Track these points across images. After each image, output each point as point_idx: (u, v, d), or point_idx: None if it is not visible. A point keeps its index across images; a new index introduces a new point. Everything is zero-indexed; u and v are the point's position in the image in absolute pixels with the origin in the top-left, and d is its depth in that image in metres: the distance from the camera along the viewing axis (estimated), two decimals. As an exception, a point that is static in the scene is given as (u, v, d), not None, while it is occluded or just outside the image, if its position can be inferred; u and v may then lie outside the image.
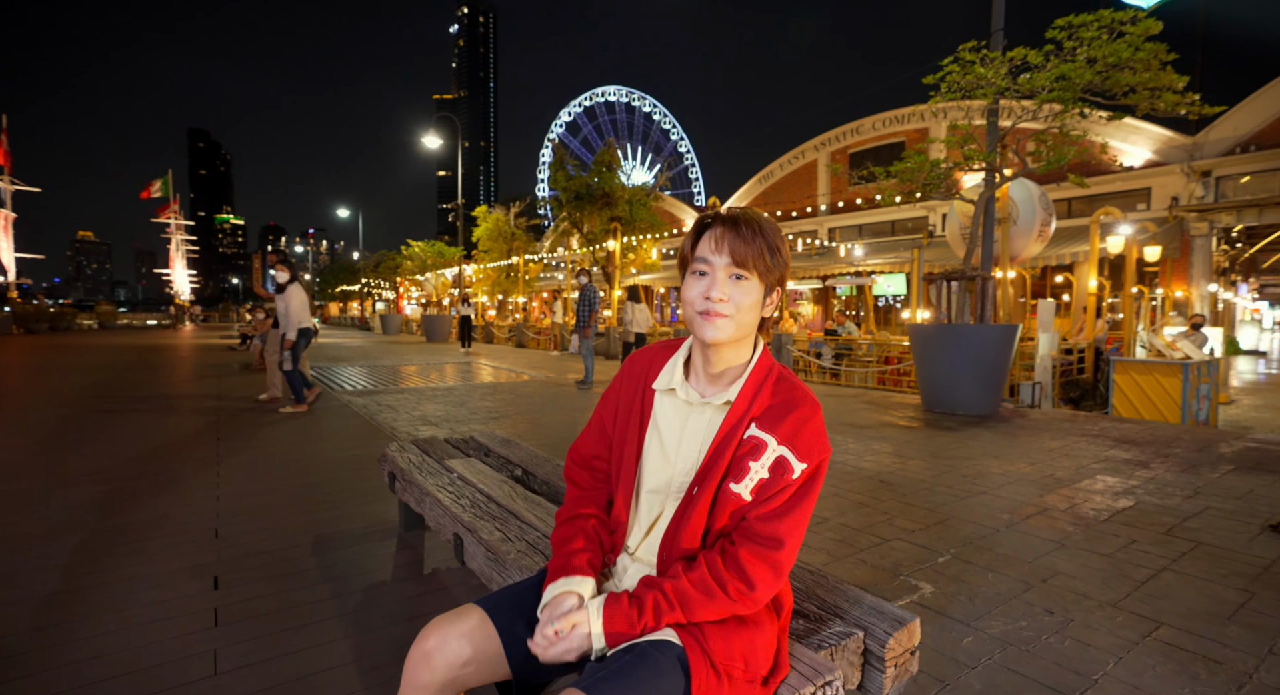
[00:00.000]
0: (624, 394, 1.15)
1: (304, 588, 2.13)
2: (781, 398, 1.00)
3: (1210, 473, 3.80)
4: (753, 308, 1.00)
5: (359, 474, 3.65)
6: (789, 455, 0.96)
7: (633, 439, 1.10)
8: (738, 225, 0.99)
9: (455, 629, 0.96)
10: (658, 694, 0.84)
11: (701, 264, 1.00)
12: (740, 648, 0.93)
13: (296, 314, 5.64)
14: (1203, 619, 1.94)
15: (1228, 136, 13.41)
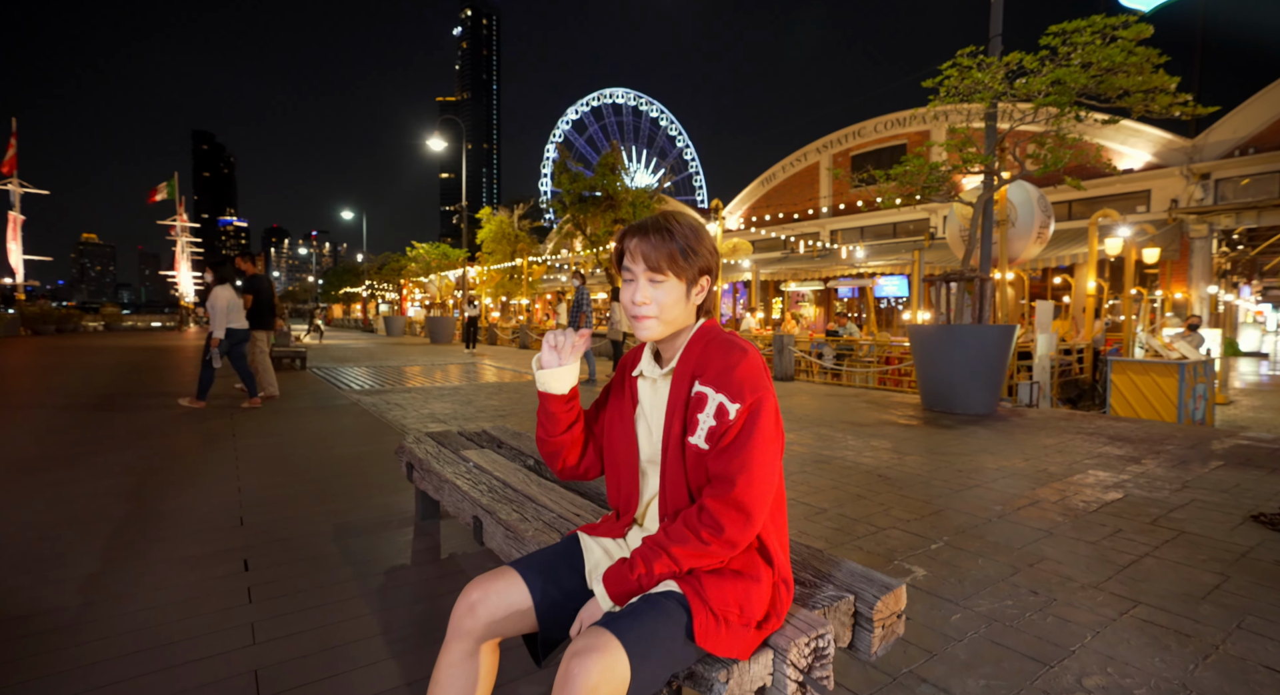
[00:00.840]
0: (615, 386, 1.30)
1: (329, 570, 2.25)
2: (715, 352, 1.11)
3: (1200, 468, 3.90)
4: (675, 304, 1.12)
5: (373, 468, 3.78)
6: (725, 400, 1.06)
7: (628, 422, 1.23)
8: (648, 233, 1.12)
9: (495, 586, 1.09)
10: (664, 629, 0.97)
11: (627, 273, 1.15)
12: (735, 596, 1.05)
13: (221, 314, 5.92)
14: (1178, 599, 2.05)
15: (1227, 139, 13.49)
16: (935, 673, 1.62)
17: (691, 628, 1.00)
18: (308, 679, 1.57)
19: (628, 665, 0.90)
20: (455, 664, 1.07)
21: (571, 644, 0.93)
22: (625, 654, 0.90)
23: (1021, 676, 1.61)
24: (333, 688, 1.53)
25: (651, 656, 0.94)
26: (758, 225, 24.00)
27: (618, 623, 0.95)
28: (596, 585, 1.09)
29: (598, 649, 0.89)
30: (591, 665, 0.87)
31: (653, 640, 0.95)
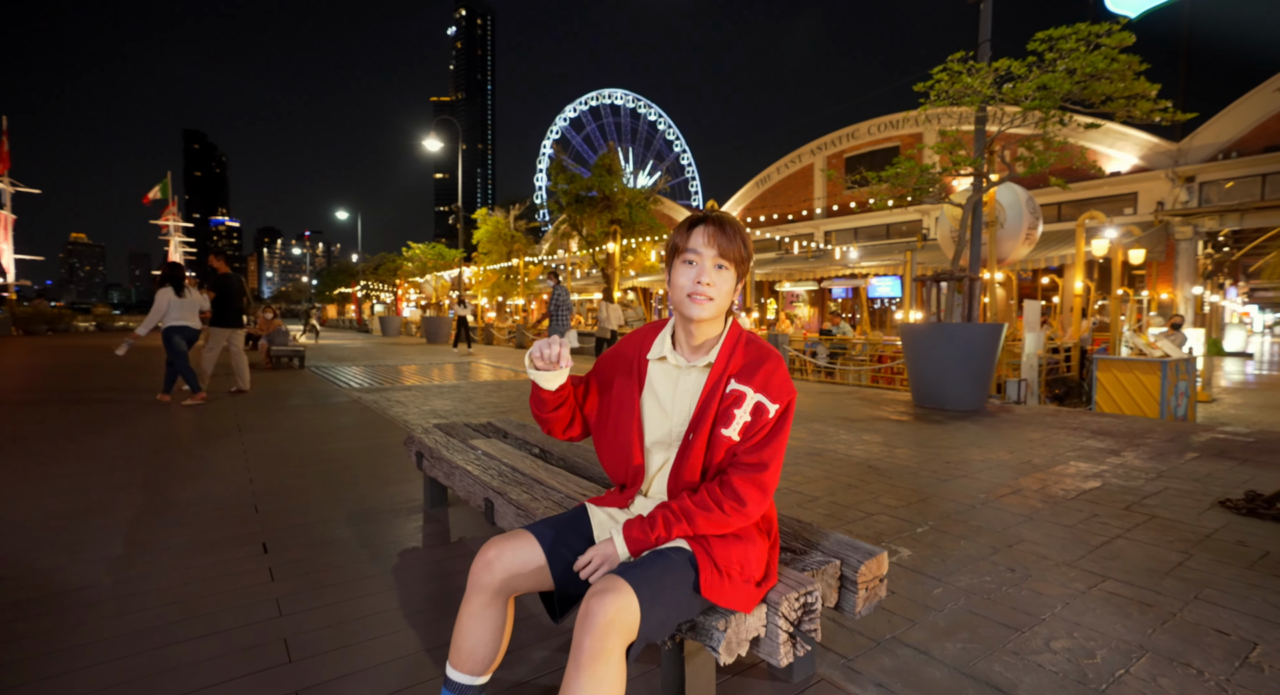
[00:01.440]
0: (620, 363, 1.40)
1: (345, 552, 2.37)
2: (752, 356, 1.27)
3: (1175, 459, 4.06)
4: (729, 293, 1.27)
5: (380, 461, 3.89)
6: (764, 400, 1.23)
7: (633, 402, 1.34)
8: (723, 226, 1.26)
9: (510, 545, 1.21)
10: (672, 580, 1.10)
11: (692, 254, 1.26)
12: (737, 556, 1.19)
13: (155, 313, 6.23)
14: (1144, 574, 2.20)
15: (1211, 143, 13.74)
16: (916, 637, 1.75)
17: (698, 581, 1.13)
18: (334, 646, 1.69)
19: (638, 607, 1.03)
20: (475, 614, 1.19)
21: (592, 589, 1.06)
22: (636, 598, 1.03)
23: (995, 641, 1.74)
24: (358, 653, 1.65)
25: (659, 603, 1.07)
26: (753, 226, 24.18)
27: (631, 572, 1.08)
28: (616, 535, 1.21)
29: (614, 591, 1.02)
30: (608, 604, 1.00)
31: (661, 589, 1.08)
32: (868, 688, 1.52)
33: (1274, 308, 52.86)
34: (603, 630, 0.99)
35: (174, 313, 6.28)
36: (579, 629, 1.02)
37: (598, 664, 0.98)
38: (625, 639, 1.02)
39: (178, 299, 6.30)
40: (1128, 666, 1.62)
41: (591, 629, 0.99)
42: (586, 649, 0.98)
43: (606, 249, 16.00)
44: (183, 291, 6.33)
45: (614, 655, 1.00)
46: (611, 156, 15.31)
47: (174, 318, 6.28)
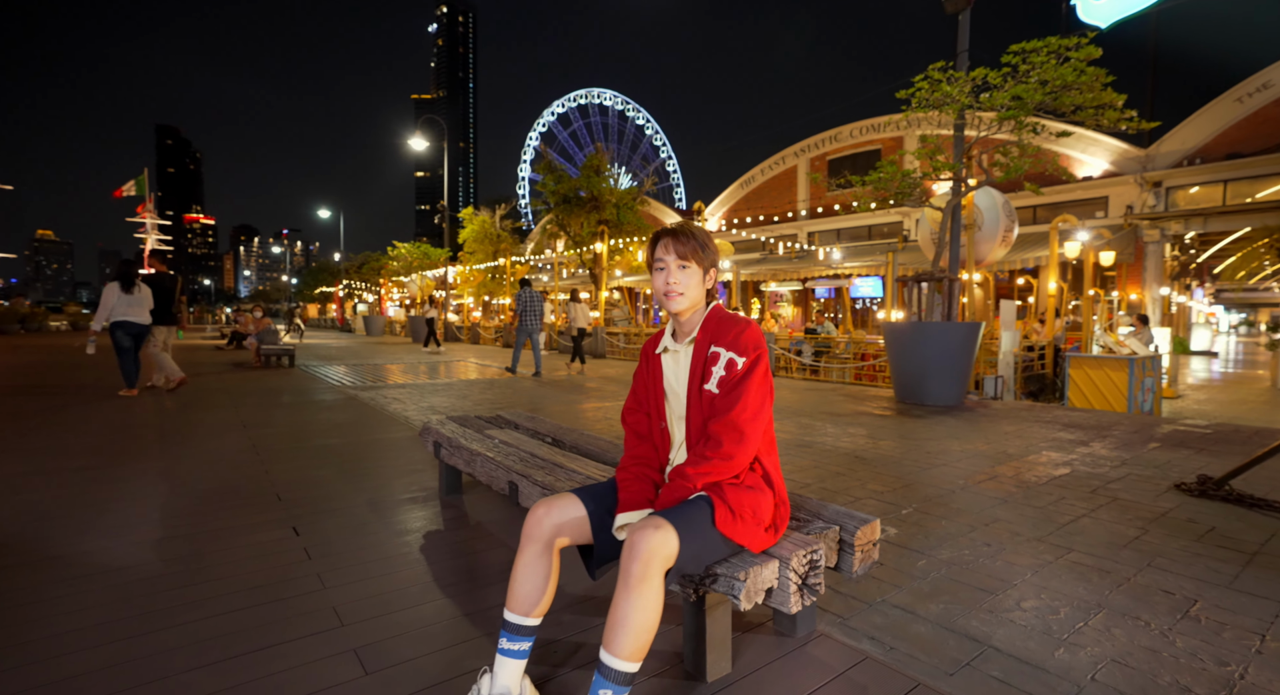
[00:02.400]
0: (641, 365, 1.68)
1: (373, 534, 2.52)
2: (725, 324, 1.52)
3: (1139, 449, 4.35)
4: (696, 285, 1.54)
5: (389, 453, 4.03)
6: (734, 356, 1.46)
7: (656, 390, 1.62)
8: (676, 234, 1.54)
9: (558, 503, 1.41)
10: (699, 518, 1.33)
11: (659, 262, 1.55)
12: (748, 502, 1.41)
13: (104, 308, 6.39)
14: (1104, 547, 2.44)
15: (1176, 150, 14.31)
16: (903, 600, 1.97)
17: (715, 516, 1.34)
18: (379, 612, 1.85)
19: (677, 540, 1.24)
20: (529, 563, 1.38)
21: (635, 526, 1.26)
22: (675, 532, 1.24)
23: (972, 602, 1.96)
24: (404, 618, 1.82)
25: (692, 538, 1.28)
26: (737, 227, 24.48)
27: (668, 512, 1.30)
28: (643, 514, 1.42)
29: (655, 526, 1.24)
30: (651, 536, 1.21)
31: (691, 525, 1.30)
32: (862, 641, 1.73)
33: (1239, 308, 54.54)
34: (647, 557, 1.20)
35: (120, 308, 6.44)
36: (627, 558, 1.21)
37: (644, 585, 1.19)
38: (665, 566, 1.24)
39: (125, 295, 6.46)
40: (1086, 620, 1.85)
41: (638, 556, 1.20)
42: (635, 574, 1.19)
43: (594, 249, 16.15)
44: (131, 288, 6.49)
45: (656, 579, 1.22)
46: (600, 157, 15.47)
47: (119, 313, 6.44)
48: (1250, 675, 1.60)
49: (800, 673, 1.56)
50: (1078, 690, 1.51)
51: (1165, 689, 1.52)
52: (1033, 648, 1.69)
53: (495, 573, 2.16)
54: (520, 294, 9.21)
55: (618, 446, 2.60)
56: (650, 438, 1.60)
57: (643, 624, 1.20)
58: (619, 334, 14.90)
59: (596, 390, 7.80)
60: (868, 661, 1.62)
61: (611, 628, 1.21)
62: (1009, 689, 1.50)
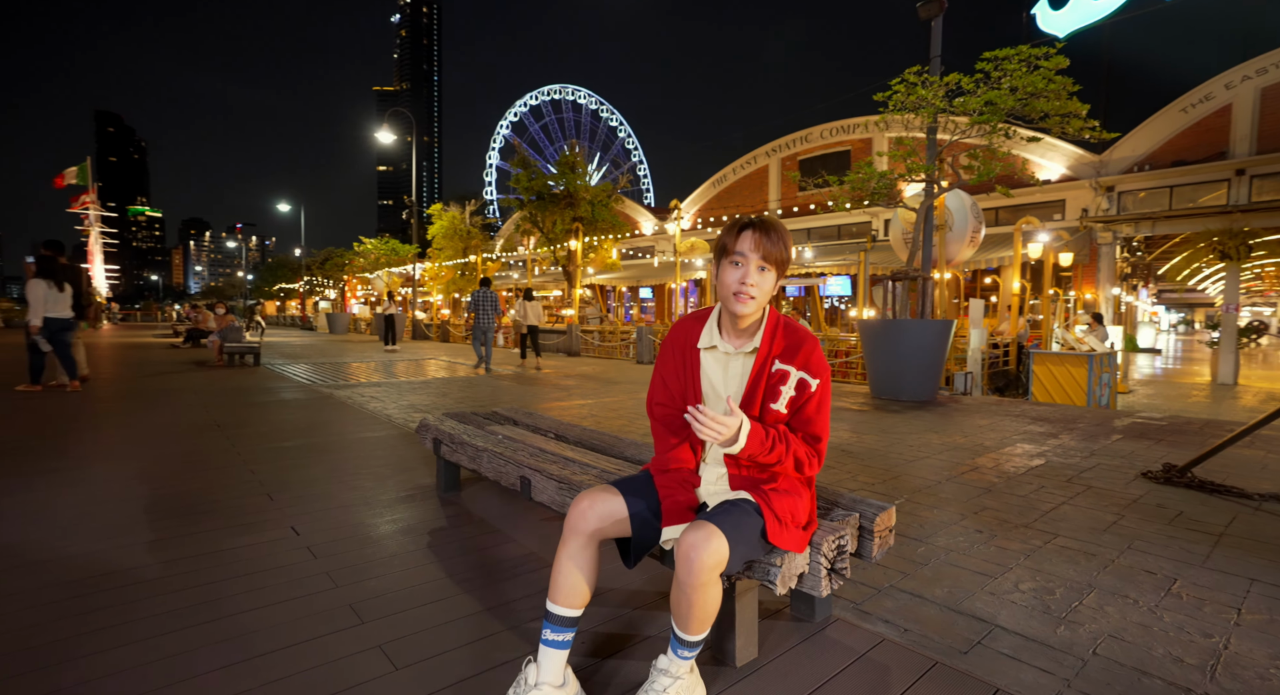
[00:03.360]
0: (674, 356, 1.58)
1: (375, 532, 2.49)
2: (792, 339, 1.48)
3: (1104, 440, 4.58)
4: (769, 291, 1.47)
5: (377, 451, 3.96)
6: (806, 376, 1.45)
7: (694, 386, 1.55)
8: (768, 231, 1.44)
9: (600, 497, 1.42)
10: (747, 525, 1.35)
11: (739, 256, 1.44)
12: (790, 506, 1.43)
13: (35, 305, 6.37)
14: (1087, 531, 2.58)
15: (1127, 156, 15.03)
16: (910, 585, 2.04)
17: (765, 530, 1.37)
18: (398, 609, 1.84)
19: (727, 547, 1.26)
20: (572, 556, 1.39)
21: (687, 534, 1.28)
22: (726, 540, 1.27)
23: (974, 585, 2.05)
24: (424, 613, 1.81)
25: (740, 544, 1.31)
26: (710, 225, 24.68)
27: (716, 519, 1.31)
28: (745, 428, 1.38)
29: (710, 535, 1.26)
30: (708, 549, 1.25)
31: (739, 532, 1.32)
32: (877, 623, 1.79)
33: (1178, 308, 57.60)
34: (702, 569, 1.24)
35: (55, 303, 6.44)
36: (684, 570, 1.25)
37: (703, 590, 1.25)
38: (718, 570, 1.27)
39: (52, 290, 6.41)
40: (1081, 600, 1.96)
41: (695, 571, 1.24)
42: (692, 584, 1.24)
43: (569, 246, 16.08)
44: (56, 282, 6.45)
45: (714, 584, 1.28)
46: (575, 153, 15.40)
47: (58, 309, 6.44)
48: (1232, 646, 1.72)
49: (824, 655, 1.61)
50: (1082, 664, 1.60)
51: (1160, 660, 1.63)
52: (1036, 626, 1.78)
53: (508, 567, 2.16)
54: (475, 293, 9.60)
55: (622, 440, 2.62)
56: (685, 435, 1.56)
57: (709, 612, 1.31)
58: (593, 332, 14.87)
59: (577, 388, 7.79)
60: (886, 643, 1.68)
61: (681, 618, 1.32)
62: (1020, 665, 1.59)
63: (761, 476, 1.49)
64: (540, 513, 2.74)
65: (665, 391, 1.59)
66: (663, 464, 1.57)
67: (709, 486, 1.56)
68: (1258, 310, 43.64)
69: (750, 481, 1.49)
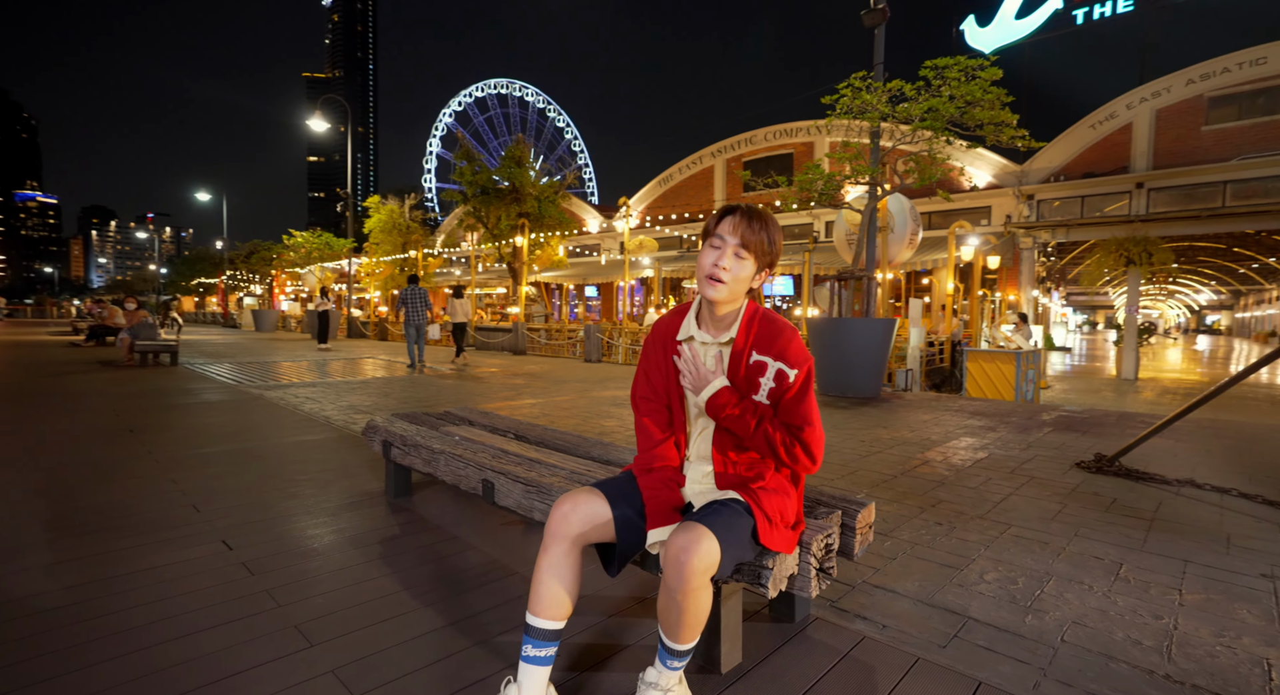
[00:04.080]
0: (656, 350, 1.53)
1: (321, 544, 2.29)
2: (768, 330, 1.42)
3: (1037, 433, 4.84)
4: (745, 280, 1.41)
5: (317, 455, 3.69)
6: (784, 367, 1.38)
7: (675, 380, 1.49)
8: (750, 217, 1.40)
9: (583, 498, 1.33)
10: (737, 525, 1.29)
11: (717, 239, 1.41)
12: (779, 506, 1.38)
13: None
14: (1036, 521, 2.68)
15: (1045, 167, 16.11)
16: (881, 580, 2.05)
17: (755, 531, 1.31)
18: (352, 628, 1.68)
19: (719, 549, 1.20)
20: (554, 563, 1.30)
21: (675, 536, 1.20)
22: (717, 542, 1.20)
23: (942, 577, 2.08)
24: (382, 632, 1.66)
25: (731, 545, 1.24)
26: (657, 224, 24.76)
27: (707, 520, 1.24)
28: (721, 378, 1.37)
29: (700, 537, 1.18)
30: (696, 553, 1.17)
31: (731, 534, 1.25)
32: (855, 621, 1.78)
33: (1083, 310, 62.44)
34: (692, 574, 1.16)
35: None
36: (672, 571, 1.17)
37: (694, 595, 1.17)
38: (710, 574, 1.19)
39: None
40: (1042, 588, 2.01)
41: (686, 575, 1.16)
42: (685, 589, 1.16)
43: (514, 242, 15.73)
44: None
45: (706, 589, 1.20)
46: (521, 148, 15.06)
47: None
48: (1180, 626, 1.80)
49: (809, 657, 1.58)
50: (1053, 652, 1.63)
51: (1122, 644, 1.68)
52: (1005, 616, 1.82)
53: (472, 577, 2.03)
54: (405, 291, 9.60)
55: (588, 440, 2.53)
56: (671, 431, 1.51)
57: (700, 618, 1.23)
58: (540, 330, 14.61)
59: (526, 386, 7.60)
60: (867, 641, 1.67)
61: (670, 626, 1.23)
62: (997, 656, 1.60)
63: (749, 474, 1.44)
64: (500, 517, 2.61)
65: (648, 386, 1.53)
66: (646, 463, 1.49)
67: (695, 485, 1.49)
68: (1147, 312, 47.92)
69: (738, 480, 1.43)
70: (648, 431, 1.51)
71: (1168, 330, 51.34)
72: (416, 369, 9.36)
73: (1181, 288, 37.17)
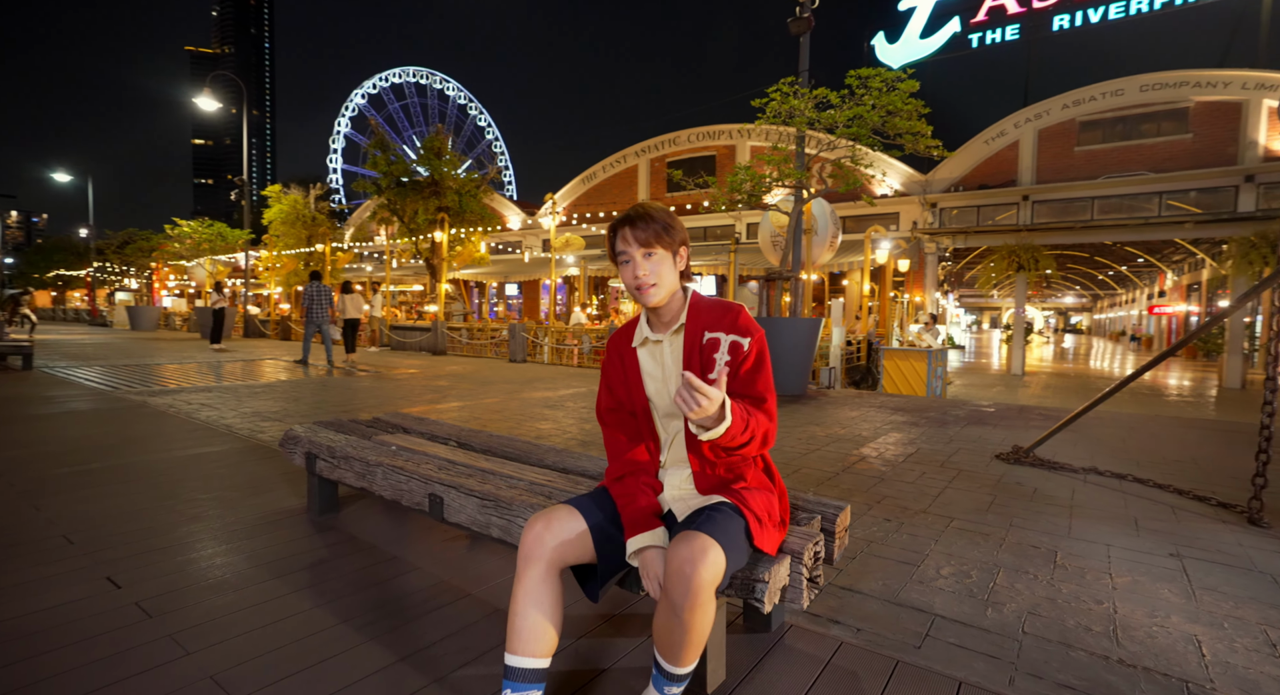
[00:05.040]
0: (614, 361, 1.48)
1: (234, 574, 2.00)
2: (715, 308, 1.39)
3: (955, 427, 5.13)
4: (670, 271, 1.37)
5: (217, 470, 3.29)
6: (736, 337, 1.34)
7: (637, 388, 1.43)
8: (634, 220, 1.35)
9: (556, 515, 1.21)
10: (734, 529, 1.22)
11: (623, 255, 1.37)
12: (765, 504, 1.33)
13: None
14: (974, 513, 2.80)
15: (945, 178, 17.38)
16: (846, 582, 2.05)
17: (749, 532, 1.24)
18: (285, 673, 1.45)
19: (724, 559, 1.12)
20: (532, 590, 1.16)
21: (677, 548, 1.10)
22: (722, 550, 1.12)
23: (902, 575, 2.10)
24: (318, 676, 1.45)
25: (733, 552, 1.17)
26: (584, 222, 24.54)
27: (707, 527, 1.16)
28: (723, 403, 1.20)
29: (706, 547, 1.11)
30: (703, 560, 1.08)
31: (731, 540, 1.18)
32: (830, 626, 1.75)
33: (973, 310, 68.39)
34: (703, 586, 1.07)
35: None
36: (677, 586, 1.07)
37: (704, 611, 1.10)
38: (716, 586, 1.12)
39: None
40: (994, 579, 2.08)
41: (696, 589, 1.06)
42: (691, 605, 1.06)
43: (433, 237, 15.02)
44: None
45: (711, 603, 1.13)
46: (441, 138, 14.38)
47: None
48: (1119, 609, 1.91)
49: (793, 670, 1.52)
50: (1019, 645, 1.67)
51: (1074, 631, 1.76)
52: (968, 612, 1.85)
53: (418, 602, 1.83)
54: (308, 287, 9.50)
55: (540, 446, 2.37)
56: (642, 439, 1.43)
57: (703, 636, 1.15)
58: (461, 329, 14.03)
59: (451, 388, 7.24)
60: (845, 647, 1.64)
61: (670, 648, 1.14)
62: (970, 654, 1.62)
63: (730, 476, 1.38)
64: (444, 532, 2.40)
65: (612, 397, 1.49)
66: (618, 471, 1.41)
67: (673, 491, 1.41)
68: (1028, 314, 53.02)
69: (719, 481, 1.37)
70: (617, 442, 1.45)
71: (1040, 330, 57.10)
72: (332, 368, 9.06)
73: (1054, 292, 41.39)
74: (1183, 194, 15.51)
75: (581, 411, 5.60)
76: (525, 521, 1.65)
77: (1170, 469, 3.80)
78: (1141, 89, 15.75)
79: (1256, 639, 1.77)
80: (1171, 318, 24.54)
